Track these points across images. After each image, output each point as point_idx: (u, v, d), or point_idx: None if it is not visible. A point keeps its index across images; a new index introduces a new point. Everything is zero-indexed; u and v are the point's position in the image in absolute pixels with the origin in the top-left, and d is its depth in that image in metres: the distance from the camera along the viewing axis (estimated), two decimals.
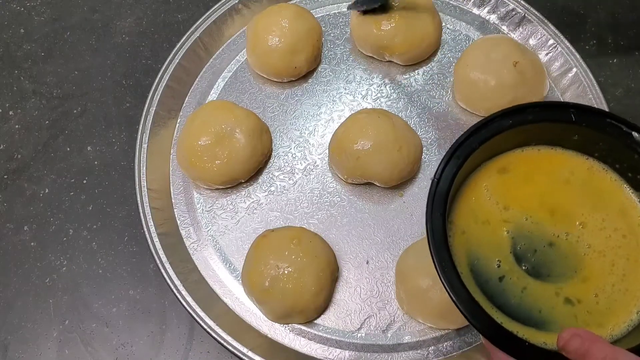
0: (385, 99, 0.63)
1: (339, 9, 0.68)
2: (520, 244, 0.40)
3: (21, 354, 0.56)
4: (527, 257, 0.40)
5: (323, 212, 0.59)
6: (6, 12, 0.73)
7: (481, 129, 0.41)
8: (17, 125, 0.66)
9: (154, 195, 0.59)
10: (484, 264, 0.39)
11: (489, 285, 0.39)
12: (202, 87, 0.65)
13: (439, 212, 0.38)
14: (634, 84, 0.65)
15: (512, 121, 0.41)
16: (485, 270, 0.39)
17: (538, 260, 0.40)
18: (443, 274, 0.37)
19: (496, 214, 0.41)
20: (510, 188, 0.42)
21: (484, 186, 0.42)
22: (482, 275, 0.39)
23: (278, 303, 0.51)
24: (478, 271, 0.39)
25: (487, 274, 0.39)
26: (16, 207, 0.62)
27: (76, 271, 0.59)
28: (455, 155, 0.40)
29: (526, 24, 0.65)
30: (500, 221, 0.41)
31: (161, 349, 0.56)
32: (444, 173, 0.39)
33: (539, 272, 0.39)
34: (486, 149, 0.41)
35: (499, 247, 0.40)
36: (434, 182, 0.39)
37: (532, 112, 0.41)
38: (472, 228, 0.41)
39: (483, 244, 0.40)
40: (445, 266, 0.37)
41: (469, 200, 0.41)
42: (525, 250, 0.40)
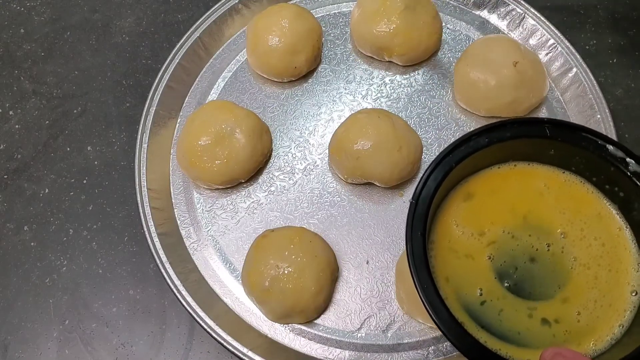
0: (385, 99, 0.63)
1: (339, 9, 0.68)
2: (501, 262, 0.40)
3: (21, 354, 0.56)
4: (509, 274, 0.40)
5: (323, 212, 0.59)
6: (6, 12, 0.73)
7: (459, 146, 0.41)
8: (17, 125, 0.66)
9: (154, 195, 0.59)
10: (465, 290, 0.40)
11: (472, 307, 0.39)
12: (202, 87, 0.65)
13: (418, 231, 0.39)
14: (634, 84, 0.65)
15: (488, 139, 0.41)
16: (468, 295, 0.40)
17: (520, 278, 0.40)
18: (424, 294, 0.37)
19: (473, 244, 0.41)
20: (480, 211, 0.42)
21: (452, 221, 0.42)
22: (464, 298, 0.40)
23: (278, 303, 0.51)
24: (460, 294, 0.40)
25: (469, 298, 0.40)
26: (16, 207, 0.62)
27: (76, 271, 0.59)
28: (433, 176, 0.40)
29: (526, 24, 0.65)
30: (479, 249, 0.41)
31: (161, 349, 0.56)
32: (422, 194, 0.40)
33: (521, 289, 0.39)
34: (464, 167, 0.42)
35: (481, 273, 0.40)
36: (412, 204, 0.40)
37: (509, 128, 0.41)
38: (452, 260, 0.41)
39: (464, 273, 0.40)
40: (426, 287, 0.37)
41: (444, 229, 0.42)
42: (507, 268, 0.40)
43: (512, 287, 0.40)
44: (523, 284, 0.40)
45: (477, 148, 0.41)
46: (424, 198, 0.40)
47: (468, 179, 0.43)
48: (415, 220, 0.39)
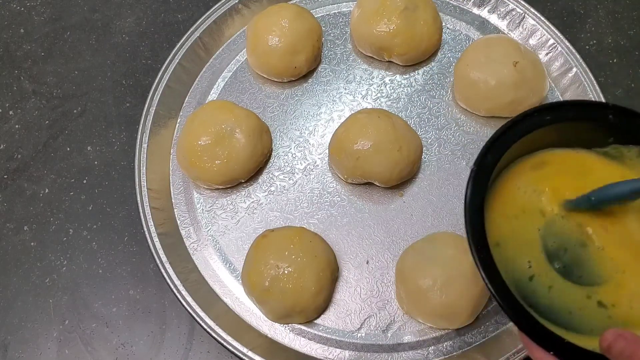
0: (385, 99, 0.63)
1: (339, 9, 0.68)
2: (552, 242, 0.39)
3: (21, 354, 0.56)
4: (559, 255, 0.39)
5: (323, 212, 0.59)
6: (6, 12, 0.73)
7: (520, 122, 0.40)
8: (17, 125, 0.66)
9: (154, 195, 0.59)
10: (514, 263, 0.39)
11: (520, 284, 0.38)
12: (202, 87, 0.65)
13: (476, 197, 0.38)
14: (634, 84, 0.65)
15: (551, 117, 0.40)
16: (517, 267, 0.38)
17: (570, 260, 0.38)
18: (479, 259, 0.36)
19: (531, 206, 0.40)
20: (545, 182, 0.41)
21: (516, 184, 0.41)
22: (512, 273, 0.38)
23: (278, 303, 0.51)
24: (509, 268, 0.38)
25: (518, 270, 0.38)
26: (16, 207, 0.62)
27: (76, 271, 0.59)
28: (495, 145, 0.39)
29: (526, 24, 0.65)
30: (534, 214, 0.40)
31: (161, 349, 0.56)
32: (483, 161, 0.39)
33: (570, 273, 0.38)
34: (523, 144, 0.40)
35: (531, 244, 0.39)
36: (473, 170, 0.39)
37: (570, 109, 0.40)
38: (504, 225, 0.40)
39: (515, 241, 0.39)
40: (481, 250, 0.36)
41: (502, 194, 0.41)
42: (558, 248, 0.39)
43: (561, 269, 0.38)
44: (572, 267, 0.38)
45: (540, 125, 0.40)
46: (485, 166, 0.39)
47: (537, 152, 0.42)
48: (475, 187, 0.38)
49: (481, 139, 0.61)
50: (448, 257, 0.51)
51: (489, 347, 0.52)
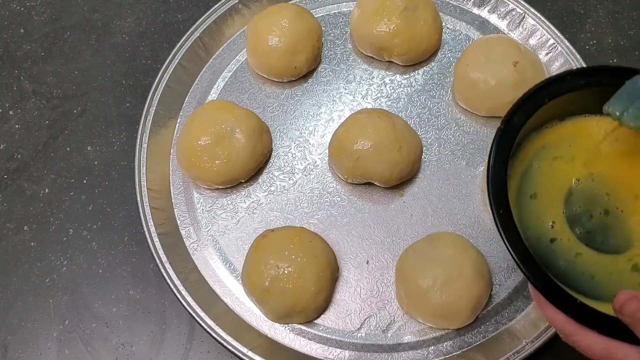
0: (385, 99, 0.63)
1: (339, 9, 0.68)
2: (576, 206, 0.38)
3: (21, 354, 0.56)
4: (582, 221, 0.38)
5: (323, 212, 0.59)
6: (6, 12, 0.73)
7: (552, 84, 0.39)
8: (17, 125, 0.66)
9: (154, 195, 0.59)
10: (541, 219, 0.38)
11: (539, 243, 0.38)
12: (202, 87, 0.65)
13: (502, 159, 0.37)
14: None
15: (586, 81, 0.39)
16: (540, 227, 0.38)
17: (593, 226, 0.38)
18: (499, 218, 0.36)
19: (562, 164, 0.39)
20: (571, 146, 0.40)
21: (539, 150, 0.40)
22: (537, 230, 0.38)
23: (278, 303, 0.51)
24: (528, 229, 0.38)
25: (541, 231, 0.38)
26: (16, 207, 0.62)
27: (76, 271, 0.59)
28: (525, 105, 0.39)
29: (526, 24, 0.65)
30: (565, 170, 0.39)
31: (161, 349, 0.56)
32: (511, 121, 0.38)
33: (592, 239, 0.38)
34: (555, 107, 0.40)
35: (554, 209, 0.39)
36: (500, 129, 0.38)
37: (607, 74, 0.39)
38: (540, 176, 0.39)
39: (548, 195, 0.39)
40: (502, 212, 0.36)
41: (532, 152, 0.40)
42: (580, 214, 0.38)
43: (582, 234, 0.38)
44: (595, 233, 0.38)
45: (573, 88, 0.39)
46: (514, 124, 0.38)
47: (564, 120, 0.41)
48: (501, 145, 0.38)
49: (481, 139, 0.61)
50: (448, 257, 0.51)
51: (489, 347, 0.52)
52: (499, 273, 0.55)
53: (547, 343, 0.50)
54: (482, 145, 0.61)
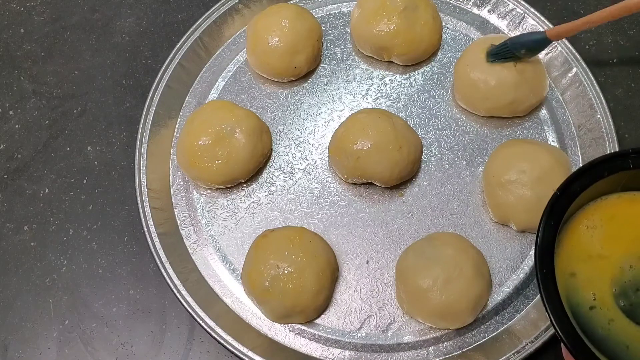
0: (385, 99, 0.63)
1: (339, 9, 0.68)
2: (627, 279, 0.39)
3: (21, 354, 0.56)
4: (628, 294, 0.39)
5: (323, 212, 0.59)
6: (6, 12, 0.73)
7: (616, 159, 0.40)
8: (17, 125, 0.66)
9: (154, 195, 0.59)
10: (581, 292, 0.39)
11: (578, 310, 0.38)
12: (202, 87, 0.65)
13: (553, 221, 0.38)
14: (634, 84, 0.65)
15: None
16: (580, 297, 0.39)
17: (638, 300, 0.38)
18: (543, 282, 0.36)
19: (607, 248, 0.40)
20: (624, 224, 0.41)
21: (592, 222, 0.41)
22: (574, 299, 0.38)
23: (278, 303, 0.51)
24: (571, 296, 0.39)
25: (580, 300, 0.39)
26: (16, 207, 0.62)
27: (76, 271, 0.59)
28: (584, 175, 0.39)
29: (526, 24, 0.65)
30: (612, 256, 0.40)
31: (161, 349, 0.56)
32: (568, 189, 0.39)
33: (635, 313, 0.38)
34: (612, 182, 0.40)
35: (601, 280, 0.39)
36: (555, 195, 0.39)
37: None
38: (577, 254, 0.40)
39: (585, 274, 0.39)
40: (547, 276, 0.37)
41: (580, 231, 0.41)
42: (628, 288, 0.39)
43: (626, 307, 0.38)
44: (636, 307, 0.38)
45: (635, 167, 0.40)
46: (570, 192, 0.39)
47: (620, 194, 0.42)
48: (554, 210, 0.38)
49: (481, 139, 0.61)
50: (448, 257, 0.51)
51: (489, 347, 0.52)
52: (499, 273, 0.55)
53: (547, 343, 0.50)
54: (482, 145, 0.61)
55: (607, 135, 0.57)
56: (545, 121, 0.61)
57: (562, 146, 0.60)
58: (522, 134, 0.61)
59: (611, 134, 0.57)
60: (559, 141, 0.60)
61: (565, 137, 0.60)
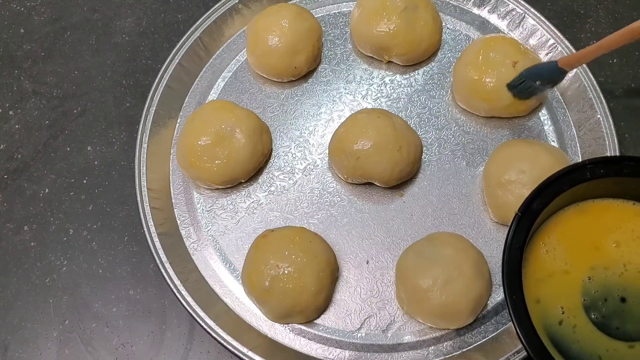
0: (385, 99, 0.63)
1: (339, 9, 0.68)
2: (594, 290, 0.39)
3: (21, 354, 0.56)
4: (598, 306, 0.39)
5: (323, 212, 0.59)
6: (6, 12, 0.73)
7: (572, 172, 0.40)
8: (17, 125, 0.66)
9: (154, 195, 0.59)
10: (550, 309, 0.39)
11: (552, 330, 0.38)
12: (202, 87, 0.65)
13: (518, 244, 0.38)
14: (634, 84, 0.65)
15: (604, 170, 0.40)
16: (550, 314, 0.39)
17: (608, 312, 0.39)
18: (513, 307, 0.37)
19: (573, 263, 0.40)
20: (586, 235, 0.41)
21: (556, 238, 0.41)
22: (547, 319, 0.39)
23: (278, 303, 0.51)
24: (545, 314, 0.39)
25: (550, 318, 0.39)
26: (16, 207, 0.62)
27: (76, 271, 0.59)
28: (543, 193, 0.40)
29: (526, 24, 0.65)
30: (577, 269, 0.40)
31: (161, 349, 0.56)
32: (529, 208, 0.39)
33: (608, 325, 0.38)
34: (572, 194, 0.41)
35: (570, 293, 0.40)
36: (517, 216, 0.39)
37: (626, 165, 0.40)
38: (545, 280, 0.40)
39: (554, 289, 0.40)
40: (516, 300, 0.37)
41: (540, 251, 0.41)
42: (597, 299, 0.39)
43: (597, 319, 0.39)
44: (611, 319, 0.39)
45: (592, 177, 0.40)
46: (530, 213, 0.39)
47: (578, 203, 0.42)
48: (517, 232, 0.39)
49: (481, 139, 0.61)
50: (448, 257, 0.51)
51: (489, 347, 0.52)
52: (498, 273, 0.55)
53: None
54: (482, 145, 0.61)
55: (607, 135, 0.57)
56: (545, 121, 0.61)
57: (562, 146, 0.60)
58: (522, 134, 0.61)
59: (611, 134, 0.57)
60: (559, 141, 0.60)
61: (565, 137, 0.60)
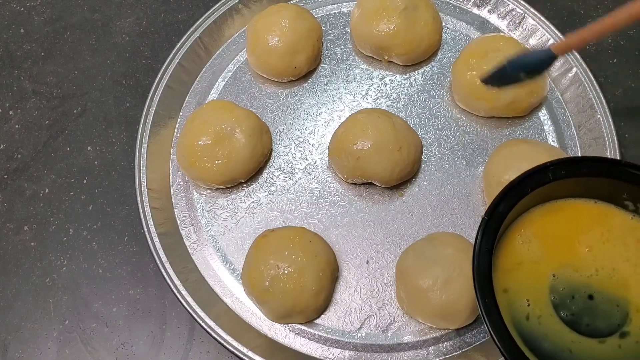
0: (385, 99, 0.63)
1: (339, 9, 0.68)
2: (561, 287, 0.40)
3: (21, 354, 0.56)
4: (566, 303, 0.40)
5: (323, 212, 0.59)
6: (6, 12, 0.73)
7: (535, 175, 0.41)
8: (17, 125, 0.66)
9: (154, 195, 0.59)
10: (517, 305, 0.40)
11: (521, 325, 0.39)
12: (202, 87, 0.65)
13: (486, 247, 0.39)
14: (634, 84, 0.65)
15: (566, 171, 0.41)
16: (517, 310, 0.39)
17: (577, 310, 0.39)
18: (485, 309, 0.37)
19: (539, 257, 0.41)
20: (553, 235, 0.42)
21: (522, 239, 0.42)
22: (517, 315, 0.39)
23: (278, 303, 0.51)
24: (513, 309, 0.39)
25: (519, 314, 0.39)
26: (16, 207, 0.62)
27: (76, 271, 0.59)
28: (508, 196, 0.40)
29: (526, 24, 0.65)
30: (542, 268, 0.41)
31: (161, 349, 0.56)
32: (495, 212, 0.40)
33: (578, 322, 0.39)
34: (537, 195, 0.42)
35: (538, 290, 0.40)
36: (484, 220, 0.40)
37: (587, 165, 0.41)
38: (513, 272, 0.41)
39: (522, 285, 0.40)
40: (488, 303, 0.37)
41: (513, 242, 0.42)
42: (565, 296, 0.40)
43: (567, 317, 0.39)
44: (581, 317, 0.39)
45: (555, 178, 0.41)
46: (497, 216, 0.40)
47: (544, 204, 0.43)
48: (485, 235, 0.39)
49: (481, 139, 0.61)
50: (448, 257, 0.51)
51: (489, 347, 0.52)
52: None
53: None
54: (482, 145, 0.61)
55: (607, 135, 0.58)
56: (545, 121, 0.61)
57: (562, 146, 0.60)
58: (522, 134, 0.61)
59: (611, 134, 0.57)
60: (559, 141, 0.60)
61: (565, 137, 0.60)
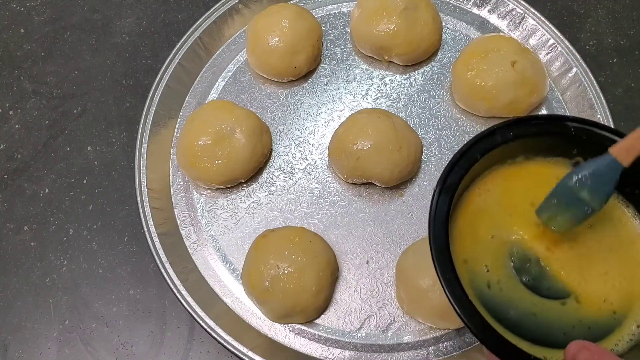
0: (385, 99, 0.63)
1: (339, 9, 0.68)
2: (516, 251, 0.40)
3: (21, 354, 0.56)
4: (525, 268, 0.39)
5: (323, 212, 0.59)
6: (6, 12, 0.73)
7: (483, 139, 0.40)
8: (17, 125, 0.66)
9: (154, 195, 0.59)
10: (478, 273, 0.39)
11: (484, 295, 0.38)
12: (202, 87, 0.65)
13: (440, 221, 0.38)
14: (634, 84, 0.65)
15: (514, 133, 0.41)
16: (478, 279, 0.39)
17: (536, 273, 0.39)
18: (445, 281, 0.36)
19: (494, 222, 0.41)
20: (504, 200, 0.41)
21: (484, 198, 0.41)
22: (478, 284, 0.39)
23: (278, 303, 0.51)
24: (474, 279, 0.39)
25: (479, 282, 0.39)
26: (16, 207, 0.62)
27: (76, 271, 0.59)
28: (458, 165, 0.40)
29: (526, 24, 0.65)
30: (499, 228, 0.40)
31: (161, 349, 0.56)
32: (446, 183, 0.39)
33: (539, 287, 0.39)
34: (488, 159, 0.41)
35: (497, 255, 0.40)
36: (435, 192, 0.39)
37: (534, 124, 0.41)
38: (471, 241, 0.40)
39: (480, 252, 0.40)
40: (446, 272, 0.37)
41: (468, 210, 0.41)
42: (522, 261, 0.39)
43: (529, 281, 0.39)
44: (540, 280, 0.39)
45: (504, 141, 0.41)
46: (448, 187, 0.39)
47: (492, 169, 0.43)
48: (438, 209, 0.39)
49: None
50: None
51: None
52: None
53: None
54: None
55: None
56: None
57: None
58: None
59: None
60: None
61: None
